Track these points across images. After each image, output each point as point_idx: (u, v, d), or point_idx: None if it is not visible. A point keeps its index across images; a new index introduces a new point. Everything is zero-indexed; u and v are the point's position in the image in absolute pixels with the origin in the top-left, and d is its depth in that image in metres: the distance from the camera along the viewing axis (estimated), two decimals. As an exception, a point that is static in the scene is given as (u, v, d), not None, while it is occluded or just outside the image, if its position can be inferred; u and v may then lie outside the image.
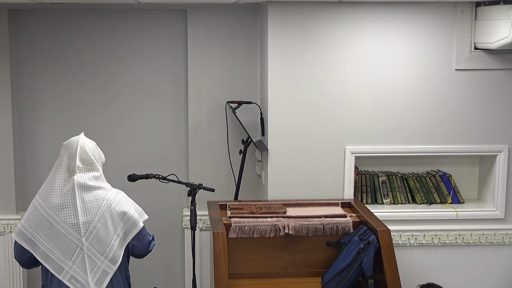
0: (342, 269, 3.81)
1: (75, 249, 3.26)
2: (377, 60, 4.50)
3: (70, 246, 3.25)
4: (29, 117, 4.96)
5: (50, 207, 3.26)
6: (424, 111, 4.56)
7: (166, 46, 4.98)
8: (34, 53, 4.90)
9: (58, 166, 3.35)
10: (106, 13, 4.92)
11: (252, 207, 4.15)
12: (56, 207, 3.26)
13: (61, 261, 3.26)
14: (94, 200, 3.28)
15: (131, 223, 3.35)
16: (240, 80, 4.93)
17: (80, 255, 3.26)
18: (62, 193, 3.28)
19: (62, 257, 3.26)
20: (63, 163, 3.33)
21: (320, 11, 4.43)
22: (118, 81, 4.99)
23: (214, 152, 4.99)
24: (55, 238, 3.26)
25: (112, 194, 3.35)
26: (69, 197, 3.26)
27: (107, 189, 3.36)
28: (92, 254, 3.26)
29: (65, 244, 3.25)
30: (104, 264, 3.28)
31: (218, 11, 4.86)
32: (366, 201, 4.72)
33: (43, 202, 3.29)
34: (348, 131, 4.55)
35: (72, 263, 3.26)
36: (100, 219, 3.27)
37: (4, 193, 4.88)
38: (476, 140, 4.60)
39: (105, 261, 3.28)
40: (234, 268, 3.91)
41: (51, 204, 3.26)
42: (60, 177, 3.31)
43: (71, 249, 3.25)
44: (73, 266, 3.25)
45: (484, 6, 4.40)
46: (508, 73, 4.55)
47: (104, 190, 3.34)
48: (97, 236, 3.26)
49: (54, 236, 3.26)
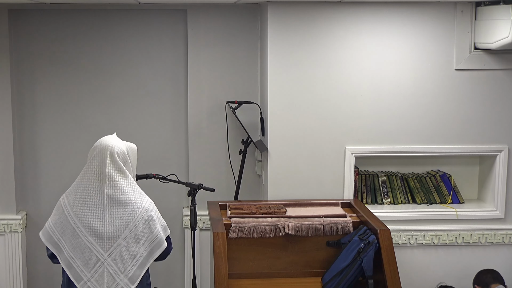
0: (342, 269, 3.81)
1: (96, 262, 3.20)
2: (377, 60, 4.50)
3: (92, 258, 3.20)
4: (29, 117, 4.96)
5: (78, 216, 3.20)
6: (424, 111, 4.56)
7: (166, 46, 4.98)
8: (34, 53, 4.90)
9: (88, 170, 3.25)
10: (106, 13, 4.92)
11: (252, 207, 4.15)
12: (83, 218, 3.19)
13: (81, 271, 3.22)
14: (123, 217, 3.21)
15: (156, 243, 3.28)
16: (240, 80, 4.93)
17: (100, 269, 3.21)
18: (91, 204, 3.20)
19: (82, 267, 3.21)
20: (94, 168, 3.24)
21: (320, 11, 4.43)
22: (118, 81, 4.99)
23: (214, 152, 4.99)
24: (78, 248, 3.21)
25: (141, 210, 3.25)
26: (98, 209, 3.20)
27: (137, 205, 3.25)
28: (113, 270, 3.21)
29: (87, 256, 3.20)
30: (123, 282, 3.22)
31: (218, 11, 4.86)
32: (366, 201, 4.72)
33: (71, 210, 3.22)
34: (348, 131, 4.55)
35: (91, 275, 3.21)
36: (126, 238, 3.21)
37: (4, 193, 4.88)
38: (476, 140, 4.60)
39: (124, 279, 3.22)
40: (234, 268, 3.91)
41: (80, 214, 3.20)
42: (91, 185, 3.22)
43: (92, 261, 3.20)
44: (92, 278, 3.21)
45: (484, 6, 4.40)
46: (508, 73, 4.55)
47: (133, 206, 3.23)
48: (120, 254, 3.21)
49: (77, 246, 3.21)
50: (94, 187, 3.22)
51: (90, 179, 3.23)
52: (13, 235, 4.89)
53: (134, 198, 3.26)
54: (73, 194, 3.26)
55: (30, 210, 5.04)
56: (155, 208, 3.36)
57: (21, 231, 4.91)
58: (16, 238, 4.89)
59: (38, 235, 5.07)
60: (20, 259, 4.92)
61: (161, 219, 3.36)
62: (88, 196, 3.22)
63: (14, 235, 4.89)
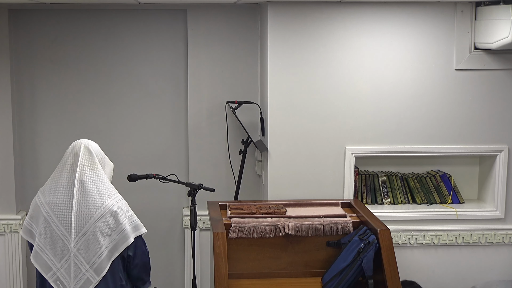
0: (342, 269, 3.81)
1: (66, 252, 3.25)
2: (377, 60, 4.50)
3: (62, 248, 3.24)
4: (29, 117, 4.96)
5: (49, 204, 3.26)
6: (424, 111, 4.56)
7: (166, 46, 4.98)
8: (34, 53, 4.90)
9: (62, 165, 3.33)
10: (106, 13, 4.92)
11: (252, 207, 4.15)
12: (54, 206, 3.25)
13: (51, 261, 3.26)
14: (89, 207, 3.24)
15: (121, 237, 3.29)
16: (240, 80, 4.93)
17: (69, 260, 3.25)
18: (62, 192, 3.27)
19: (53, 257, 3.25)
20: (68, 162, 3.32)
21: (320, 11, 4.43)
22: (118, 81, 4.99)
23: (214, 152, 4.99)
24: (49, 237, 3.25)
25: (109, 203, 3.28)
26: (68, 197, 3.25)
27: (106, 196, 3.29)
28: (78, 261, 3.24)
29: (57, 245, 3.25)
30: (88, 273, 3.25)
31: (218, 11, 4.86)
32: (366, 201, 4.72)
33: (43, 198, 3.29)
34: (348, 131, 4.54)
35: (61, 265, 3.25)
36: (90, 228, 3.23)
37: (4, 193, 4.88)
38: (476, 140, 4.60)
39: (89, 270, 3.24)
40: (234, 268, 3.91)
41: (51, 202, 3.26)
42: (64, 175, 3.29)
43: (62, 250, 3.25)
44: (61, 269, 3.25)
45: (484, 6, 4.40)
46: (508, 73, 4.55)
47: (102, 197, 3.27)
48: (85, 244, 3.24)
49: (48, 235, 3.25)
50: (66, 176, 3.29)
51: (63, 170, 3.31)
52: (13, 235, 4.89)
53: (103, 190, 3.30)
54: (46, 186, 3.35)
55: (30, 210, 5.05)
56: (126, 206, 3.38)
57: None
58: (16, 238, 4.90)
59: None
60: (20, 259, 4.92)
61: (132, 216, 3.37)
62: (59, 185, 3.28)
63: (14, 235, 4.89)
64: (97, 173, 3.31)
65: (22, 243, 4.96)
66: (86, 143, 3.36)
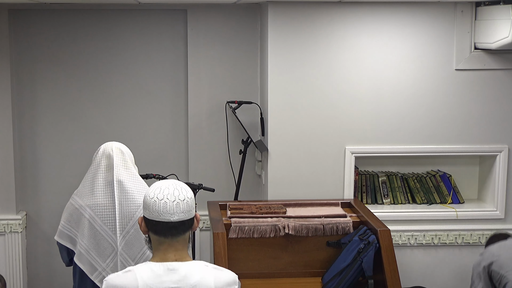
0: (342, 269, 3.81)
1: (111, 252, 3.26)
2: (377, 60, 4.50)
3: (106, 247, 3.25)
4: (29, 117, 4.96)
5: (90, 206, 3.26)
6: (424, 111, 4.56)
7: (166, 46, 4.98)
8: (34, 53, 4.90)
9: (96, 167, 3.33)
10: (106, 13, 4.92)
11: (252, 207, 4.15)
12: (95, 207, 3.25)
13: (96, 261, 3.26)
14: (130, 205, 3.26)
15: None
16: (240, 80, 4.93)
17: (115, 259, 3.26)
18: (101, 193, 3.27)
19: (97, 257, 3.26)
20: (102, 164, 3.32)
21: (320, 11, 4.43)
22: (118, 81, 4.99)
23: (214, 152, 4.99)
24: (93, 238, 3.25)
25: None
26: (108, 197, 3.26)
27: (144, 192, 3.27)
28: (124, 259, 3.26)
29: (102, 245, 3.25)
30: None
31: (218, 11, 4.86)
32: (366, 201, 4.72)
33: (83, 202, 3.28)
34: (348, 131, 4.54)
35: (106, 265, 3.26)
36: (134, 225, 3.26)
37: (4, 193, 4.87)
38: (476, 140, 4.60)
39: None
40: (234, 268, 3.87)
41: (91, 204, 3.26)
42: (100, 177, 3.30)
43: (107, 250, 3.25)
44: (107, 268, 3.26)
45: (484, 6, 4.40)
46: (508, 73, 4.55)
47: (141, 195, 3.29)
48: (130, 242, 3.26)
49: (92, 236, 3.25)
50: (103, 177, 3.29)
51: (98, 172, 3.31)
52: (13, 235, 4.89)
53: (141, 188, 3.32)
54: (81, 189, 3.33)
55: (30, 210, 5.04)
56: None
57: (21, 231, 4.91)
58: (16, 238, 4.89)
59: (38, 235, 5.10)
60: (20, 259, 4.92)
61: None
62: (96, 186, 3.28)
63: (14, 235, 4.89)
64: (132, 172, 3.34)
65: (22, 243, 4.96)
66: (117, 144, 3.37)
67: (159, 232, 2.49)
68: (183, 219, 2.49)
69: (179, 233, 2.50)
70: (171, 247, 2.49)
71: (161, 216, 2.47)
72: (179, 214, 2.48)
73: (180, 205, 2.49)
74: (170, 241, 2.48)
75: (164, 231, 2.48)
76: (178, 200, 2.49)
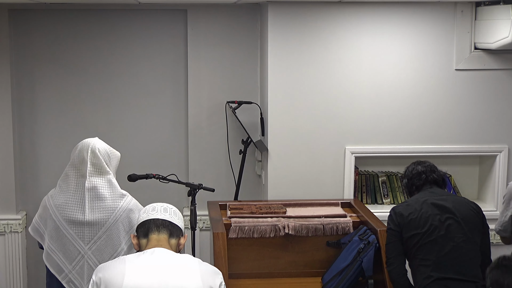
0: (342, 269, 3.80)
1: (77, 255, 3.28)
2: (377, 60, 4.50)
3: (72, 251, 3.28)
4: (29, 117, 4.96)
5: (58, 208, 3.29)
6: (424, 111, 4.56)
7: (166, 46, 4.98)
8: (34, 53, 4.90)
9: (70, 168, 3.34)
10: (106, 13, 4.92)
11: (252, 207, 4.15)
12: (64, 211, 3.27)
13: (62, 263, 3.29)
14: (103, 210, 3.27)
15: None
16: (240, 80, 4.93)
17: (81, 262, 3.28)
18: (72, 198, 3.28)
19: (64, 259, 3.29)
20: (76, 167, 3.32)
21: (320, 11, 4.43)
22: (118, 81, 4.99)
23: (214, 152, 4.99)
24: (59, 240, 3.29)
25: (123, 204, 3.31)
26: (79, 203, 3.27)
27: (118, 199, 3.32)
28: (93, 263, 3.28)
29: (68, 248, 3.28)
30: None
31: (218, 11, 4.86)
32: (366, 201, 4.72)
33: (53, 202, 3.32)
34: (348, 131, 4.55)
35: (72, 267, 3.29)
36: (106, 231, 3.27)
37: (4, 193, 4.88)
38: (476, 140, 4.60)
39: None
40: (234, 268, 3.91)
41: (60, 207, 3.29)
42: (72, 180, 3.31)
43: (73, 253, 3.28)
44: (73, 270, 3.29)
45: (484, 6, 4.40)
46: (508, 73, 4.55)
47: (114, 201, 3.30)
48: (100, 247, 3.28)
49: (58, 238, 3.29)
50: (75, 183, 3.30)
51: (72, 176, 3.32)
52: (13, 235, 4.89)
53: (115, 194, 3.33)
54: (55, 191, 3.37)
55: (30, 210, 5.04)
56: (138, 204, 3.41)
57: (21, 231, 4.91)
58: (16, 238, 4.90)
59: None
60: (20, 259, 4.92)
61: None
62: (69, 191, 3.30)
63: (14, 235, 4.89)
64: (106, 178, 3.33)
65: (22, 243, 4.96)
66: (93, 146, 3.33)
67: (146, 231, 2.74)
68: (169, 220, 2.77)
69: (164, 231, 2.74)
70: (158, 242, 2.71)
71: (149, 216, 2.76)
72: (165, 215, 2.78)
73: (168, 210, 2.81)
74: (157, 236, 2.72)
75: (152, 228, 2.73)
76: (166, 206, 2.82)
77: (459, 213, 3.49)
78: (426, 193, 3.63)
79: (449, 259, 3.40)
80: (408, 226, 3.49)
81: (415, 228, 3.47)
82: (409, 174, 3.77)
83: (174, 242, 2.76)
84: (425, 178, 3.69)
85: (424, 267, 3.44)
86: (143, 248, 2.71)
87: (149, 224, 2.73)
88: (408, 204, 3.59)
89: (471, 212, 3.54)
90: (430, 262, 3.42)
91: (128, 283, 2.49)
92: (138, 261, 2.59)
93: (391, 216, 3.60)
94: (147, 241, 2.72)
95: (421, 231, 3.46)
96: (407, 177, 3.78)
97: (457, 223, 3.46)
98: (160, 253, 2.63)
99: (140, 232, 2.76)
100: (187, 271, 2.58)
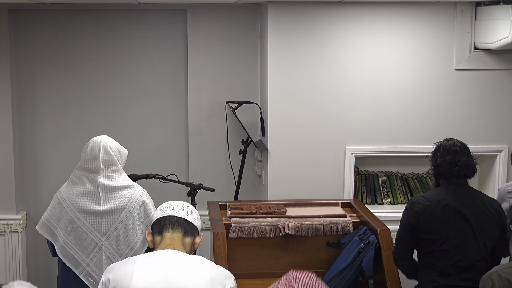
0: (342, 269, 3.81)
1: (94, 247, 3.30)
2: (377, 60, 4.50)
3: (89, 243, 3.30)
4: (29, 117, 4.96)
5: (73, 203, 3.30)
6: (424, 111, 4.56)
7: (166, 46, 4.98)
8: (34, 53, 4.90)
9: (82, 164, 3.37)
10: (106, 13, 4.91)
11: (252, 207, 4.15)
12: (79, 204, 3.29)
13: (79, 256, 3.30)
14: (118, 201, 3.31)
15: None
16: (240, 80, 4.93)
17: (98, 254, 3.30)
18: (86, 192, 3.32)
19: (80, 252, 3.30)
20: (88, 162, 3.36)
21: (320, 11, 4.43)
22: (118, 81, 4.99)
23: (214, 152, 4.99)
24: (75, 234, 3.30)
25: (137, 194, 3.37)
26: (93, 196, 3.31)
27: (131, 189, 3.37)
28: (110, 254, 3.31)
29: (84, 241, 3.30)
30: None
31: (218, 11, 4.86)
32: (366, 201, 4.72)
33: (67, 198, 3.33)
34: (348, 131, 4.55)
35: (90, 260, 3.31)
36: (122, 221, 3.30)
37: (4, 193, 4.88)
38: (476, 140, 4.59)
39: None
40: (234, 268, 3.89)
41: (75, 201, 3.30)
42: (85, 176, 3.34)
43: (90, 246, 3.30)
44: (90, 263, 3.30)
45: (484, 6, 4.41)
46: (508, 73, 4.55)
47: (128, 189, 3.36)
48: (117, 237, 3.31)
49: (74, 232, 3.30)
50: (88, 178, 3.33)
51: (84, 172, 3.35)
52: (13, 235, 4.89)
53: (127, 184, 3.38)
54: (68, 186, 3.39)
55: (30, 210, 5.04)
56: (149, 197, 3.46)
57: (21, 231, 4.91)
58: (16, 238, 4.89)
59: (38, 235, 5.07)
60: (20, 259, 4.92)
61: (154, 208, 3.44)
62: (82, 184, 3.33)
63: (14, 235, 4.89)
64: (118, 173, 3.38)
65: (22, 243, 4.96)
66: (104, 143, 3.39)
67: (161, 228, 2.70)
68: (185, 218, 2.72)
69: (179, 229, 2.69)
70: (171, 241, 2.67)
71: (165, 213, 2.72)
72: (181, 213, 2.72)
73: (184, 208, 2.75)
74: (171, 234, 2.68)
75: (166, 225, 2.69)
76: (183, 204, 2.77)
77: (476, 224, 3.38)
78: (451, 190, 3.45)
79: (457, 268, 3.37)
80: (423, 229, 3.42)
81: (429, 233, 3.40)
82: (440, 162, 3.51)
83: (188, 241, 2.72)
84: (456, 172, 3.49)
85: (431, 270, 3.42)
86: (157, 245, 2.70)
87: (164, 221, 2.71)
88: (428, 202, 3.42)
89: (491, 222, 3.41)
90: (437, 268, 3.39)
91: (136, 284, 2.48)
92: (147, 262, 2.58)
93: (407, 211, 3.47)
94: (161, 239, 2.69)
95: (435, 238, 3.39)
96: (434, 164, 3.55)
97: (472, 233, 3.38)
98: (170, 254, 2.61)
99: (155, 229, 2.74)
100: (196, 274, 2.57)
